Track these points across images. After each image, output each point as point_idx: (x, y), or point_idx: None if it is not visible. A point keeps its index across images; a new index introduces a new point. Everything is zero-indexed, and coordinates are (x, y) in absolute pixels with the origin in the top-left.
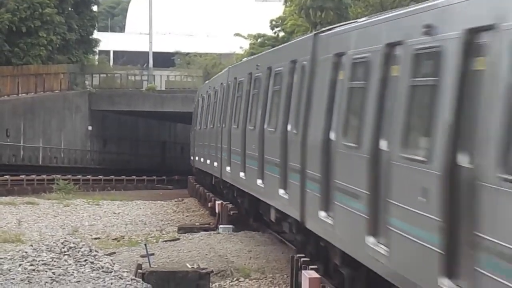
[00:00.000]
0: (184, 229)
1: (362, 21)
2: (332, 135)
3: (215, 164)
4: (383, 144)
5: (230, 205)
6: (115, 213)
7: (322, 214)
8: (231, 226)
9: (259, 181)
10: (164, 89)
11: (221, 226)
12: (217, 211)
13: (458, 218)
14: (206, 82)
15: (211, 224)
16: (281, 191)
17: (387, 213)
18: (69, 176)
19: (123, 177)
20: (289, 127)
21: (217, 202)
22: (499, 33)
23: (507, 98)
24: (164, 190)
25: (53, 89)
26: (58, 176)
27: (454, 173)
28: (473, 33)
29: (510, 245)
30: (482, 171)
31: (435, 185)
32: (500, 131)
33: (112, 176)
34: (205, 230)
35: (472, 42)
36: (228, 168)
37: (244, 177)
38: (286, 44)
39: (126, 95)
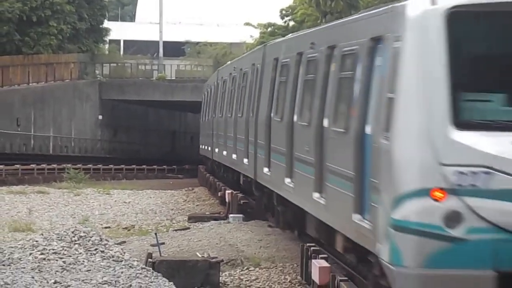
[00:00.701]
0: (194, 218)
1: (289, 37)
2: (272, 115)
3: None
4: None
5: (240, 195)
6: (125, 202)
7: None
8: (241, 215)
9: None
10: (174, 78)
11: (231, 215)
12: (227, 200)
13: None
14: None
15: (221, 213)
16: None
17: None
18: (79, 165)
19: (133, 166)
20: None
21: (227, 192)
22: (338, 50)
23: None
24: (174, 179)
25: (63, 78)
26: (69, 165)
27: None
28: (328, 49)
29: (335, 166)
30: (333, 128)
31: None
32: (324, 103)
33: (123, 166)
34: (215, 219)
35: (328, 54)
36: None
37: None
38: (248, 52)
39: (136, 84)
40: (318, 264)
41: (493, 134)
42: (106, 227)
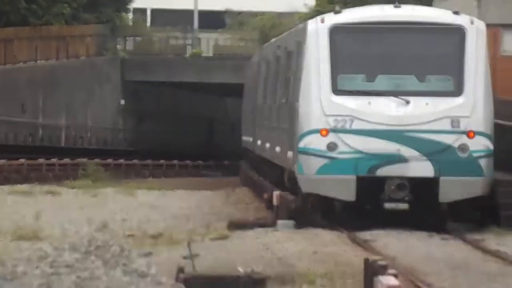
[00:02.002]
0: (235, 225)
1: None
2: (259, 101)
3: (290, 154)
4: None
5: (290, 196)
6: (152, 205)
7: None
8: (292, 221)
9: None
10: (211, 55)
11: (279, 221)
12: (274, 203)
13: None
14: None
15: (268, 219)
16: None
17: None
18: (97, 160)
19: (162, 161)
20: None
21: (274, 193)
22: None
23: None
24: (211, 177)
25: (78, 55)
26: (84, 160)
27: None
28: (283, 49)
29: (281, 124)
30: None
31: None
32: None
33: (149, 161)
34: (261, 226)
35: (282, 53)
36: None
37: None
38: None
39: (166, 62)
40: (385, 282)
41: (356, 97)
42: (129, 235)
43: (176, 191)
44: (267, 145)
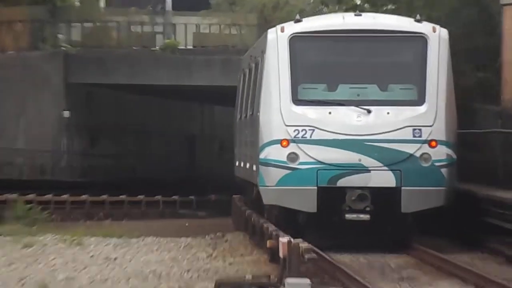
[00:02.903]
0: (226, 286)
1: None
2: (237, 116)
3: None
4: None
5: (304, 245)
6: (109, 259)
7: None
8: (306, 280)
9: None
10: (191, 47)
11: (289, 280)
12: (281, 254)
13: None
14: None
15: (272, 277)
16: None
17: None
18: (32, 196)
19: (123, 197)
20: None
21: (281, 240)
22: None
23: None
24: (192, 219)
25: (5, 48)
26: (14, 195)
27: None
28: (254, 58)
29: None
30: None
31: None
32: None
33: (105, 196)
34: (262, 287)
35: (253, 62)
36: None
37: None
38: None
39: (129, 58)
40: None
41: (317, 107)
42: None
43: (143, 239)
44: (242, 164)
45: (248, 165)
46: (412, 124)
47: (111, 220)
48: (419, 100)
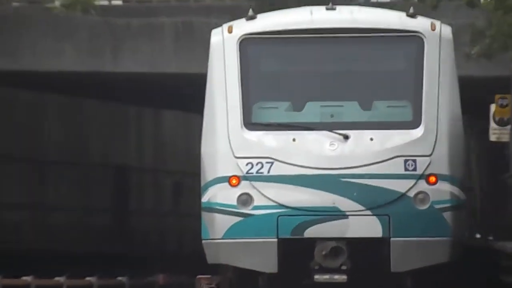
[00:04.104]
0: None
1: None
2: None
3: None
4: None
5: None
6: None
7: None
8: None
9: None
10: (121, 2)
11: None
12: None
13: None
14: None
15: None
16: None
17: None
18: None
19: None
20: None
21: None
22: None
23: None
24: None
25: None
26: None
27: None
28: None
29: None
30: None
31: None
32: None
33: None
34: None
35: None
36: None
37: None
38: None
39: (7, 20)
40: None
41: (277, 133)
42: None
43: None
44: None
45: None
46: (404, 153)
47: None
48: (414, 121)
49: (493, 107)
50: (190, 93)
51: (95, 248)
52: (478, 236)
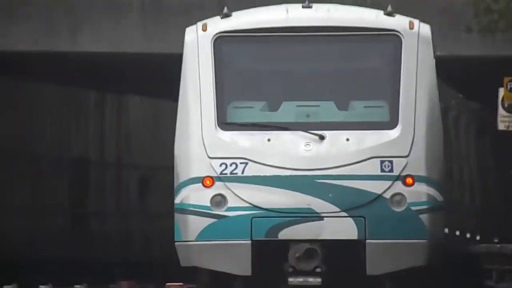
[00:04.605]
0: None
1: None
2: None
3: None
4: None
5: None
6: None
7: None
8: None
9: None
10: None
11: None
12: None
13: None
14: None
15: None
16: None
17: None
18: None
19: None
20: None
21: None
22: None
23: None
24: None
25: None
26: None
27: None
28: None
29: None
30: None
31: None
32: None
33: None
34: None
35: None
36: None
37: None
38: None
39: None
40: None
41: (252, 133)
42: None
43: None
44: None
45: None
46: (380, 154)
47: None
48: (391, 122)
49: (502, 91)
50: (158, 76)
51: (47, 252)
52: (478, 238)
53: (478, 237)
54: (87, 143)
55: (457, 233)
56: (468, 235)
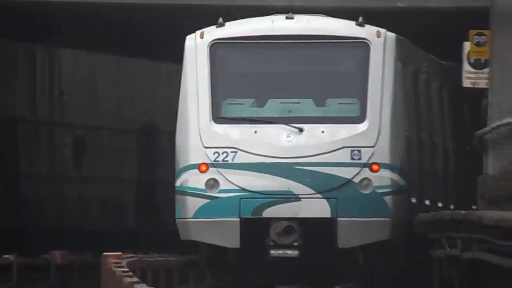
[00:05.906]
0: None
1: None
2: None
3: None
4: None
5: None
6: None
7: None
8: None
9: None
10: None
11: None
12: None
13: None
14: None
15: None
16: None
17: None
18: None
19: None
20: None
21: None
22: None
23: None
24: None
25: None
26: None
27: None
28: None
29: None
30: None
31: None
32: None
33: None
34: None
35: None
36: None
37: None
38: None
39: None
40: None
41: (241, 126)
42: None
43: None
44: None
45: None
46: (350, 144)
47: None
48: (360, 117)
49: (467, 46)
50: (100, 26)
51: None
52: (440, 205)
53: (452, 206)
54: (17, 101)
55: (427, 202)
56: (440, 204)
